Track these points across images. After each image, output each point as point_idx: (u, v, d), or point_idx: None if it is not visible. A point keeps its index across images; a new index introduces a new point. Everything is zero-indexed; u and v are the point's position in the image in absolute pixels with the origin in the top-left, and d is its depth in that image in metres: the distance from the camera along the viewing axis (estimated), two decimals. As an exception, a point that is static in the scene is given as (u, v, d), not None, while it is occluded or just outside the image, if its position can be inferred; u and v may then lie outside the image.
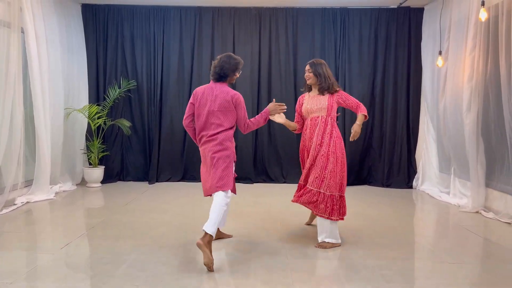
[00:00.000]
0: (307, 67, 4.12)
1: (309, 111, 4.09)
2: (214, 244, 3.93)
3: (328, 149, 3.91)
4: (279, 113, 3.94)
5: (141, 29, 7.33)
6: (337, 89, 4.08)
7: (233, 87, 7.20)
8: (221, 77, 3.78)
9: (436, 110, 6.58)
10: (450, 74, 6.05)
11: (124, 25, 7.33)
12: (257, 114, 7.30)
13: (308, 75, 4.11)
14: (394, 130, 7.27)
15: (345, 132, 7.16)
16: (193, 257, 3.65)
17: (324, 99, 4.03)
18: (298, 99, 4.30)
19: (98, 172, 6.90)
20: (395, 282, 3.18)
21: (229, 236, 4.25)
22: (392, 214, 5.37)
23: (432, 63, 6.66)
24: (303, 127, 4.23)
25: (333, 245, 3.94)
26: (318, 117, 4.02)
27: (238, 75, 3.88)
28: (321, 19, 7.31)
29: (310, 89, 4.22)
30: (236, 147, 7.21)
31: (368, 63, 7.28)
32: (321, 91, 4.07)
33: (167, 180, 7.36)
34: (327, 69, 4.09)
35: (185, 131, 7.37)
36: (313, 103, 4.07)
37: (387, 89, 7.28)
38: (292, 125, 4.23)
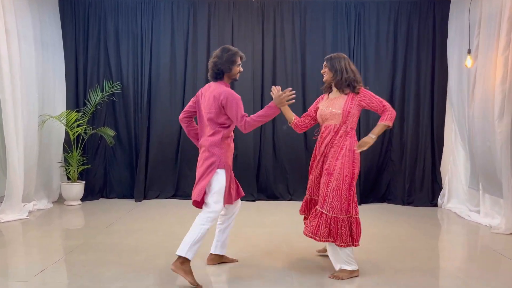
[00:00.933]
0: (324, 62, 4.06)
1: (323, 118, 4.04)
2: (212, 269, 3.99)
3: (335, 164, 3.84)
4: (285, 105, 3.87)
5: (126, 25, 7.40)
6: (358, 87, 3.94)
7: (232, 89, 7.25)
8: (217, 75, 3.86)
9: (465, 117, 6.61)
10: (480, 76, 6.10)
11: (108, 20, 7.39)
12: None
13: (324, 71, 4.06)
14: (416, 140, 7.30)
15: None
16: (186, 284, 3.70)
17: (340, 103, 3.92)
18: (318, 98, 4.28)
19: (78, 188, 6.95)
20: (416, 313, 3.24)
21: (233, 261, 4.29)
22: (414, 235, 5.42)
23: (460, 63, 6.72)
24: (304, 126, 4.22)
25: (351, 274, 3.87)
26: (331, 125, 3.96)
27: (239, 68, 3.91)
28: (332, 13, 7.37)
29: (330, 91, 4.14)
30: (235, 157, 7.32)
31: (387, 63, 7.34)
32: (340, 88, 3.97)
33: (156, 197, 7.40)
34: (348, 65, 3.97)
35: (178, 141, 7.43)
36: (327, 107, 4.00)
37: (408, 92, 7.33)
38: (289, 115, 4.17)
